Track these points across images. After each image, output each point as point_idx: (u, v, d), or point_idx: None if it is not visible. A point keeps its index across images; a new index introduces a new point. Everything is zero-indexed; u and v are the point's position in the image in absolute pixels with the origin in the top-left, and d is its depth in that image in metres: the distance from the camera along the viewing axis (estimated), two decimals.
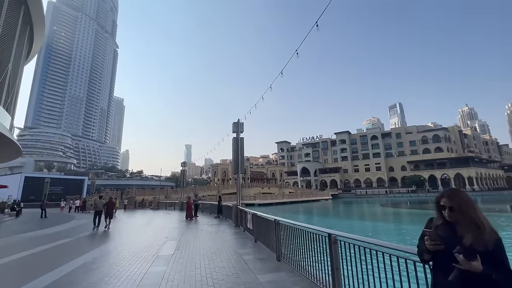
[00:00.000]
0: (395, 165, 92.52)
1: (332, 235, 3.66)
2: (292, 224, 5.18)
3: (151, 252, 7.18)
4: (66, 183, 59.27)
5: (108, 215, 13.98)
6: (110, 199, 15.29)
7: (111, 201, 14.73)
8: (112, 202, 14.82)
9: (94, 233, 12.08)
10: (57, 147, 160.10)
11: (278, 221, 5.99)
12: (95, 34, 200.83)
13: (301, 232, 4.78)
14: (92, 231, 12.54)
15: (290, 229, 5.36)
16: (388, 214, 31.41)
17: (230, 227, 12.79)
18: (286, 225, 5.58)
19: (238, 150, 13.82)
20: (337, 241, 3.63)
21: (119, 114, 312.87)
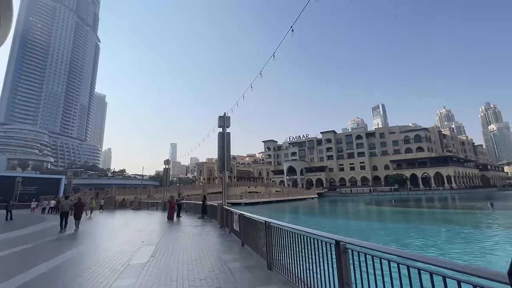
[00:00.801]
0: (378, 164, 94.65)
1: (341, 243, 2.91)
2: (286, 228, 4.40)
3: (121, 261, 6.19)
4: (41, 183, 55.64)
5: (76, 217, 12.91)
6: (79, 199, 14.01)
7: (79, 202, 13.56)
8: (81, 203, 13.65)
9: (60, 237, 10.80)
10: (32, 145, 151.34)
11: (269, 223, 5.21)
12: (75, 27, 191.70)
13: (299, 237, 4.02)
14: (58, 235, 11.26)
15: (284, 233, 4.58)
16: (376, 213, 31.64)
17: (215, 228, 11.90)
18: (279, 228, 4.81)
19: (224, 146, 12.93)
20: (347, 250, 2.89)
21: (100, 111, 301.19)
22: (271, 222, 5.17)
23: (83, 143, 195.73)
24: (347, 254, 2.88)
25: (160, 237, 9.73)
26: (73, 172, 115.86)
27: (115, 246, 8.18)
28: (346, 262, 2.85)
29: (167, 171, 27.72)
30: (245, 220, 7.23)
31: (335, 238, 2.96)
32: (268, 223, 5.25)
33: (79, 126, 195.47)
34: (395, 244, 13.25)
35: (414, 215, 27.75)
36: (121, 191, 41.91)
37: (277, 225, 4.88)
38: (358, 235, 16.22)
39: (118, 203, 35.66)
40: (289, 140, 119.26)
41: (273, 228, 5.10)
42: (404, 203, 43.41)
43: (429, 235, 15.10)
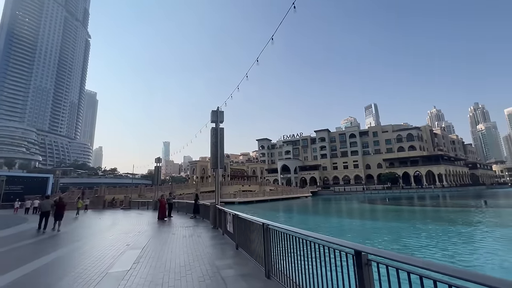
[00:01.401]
0: (371, 162, 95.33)
1: (362, 253, 2.31)
2: (289, 232, 3.80)
3: (100, 269, 5.48)
4: (27, 182, 53.79)
5: (57, 217, 12.43)
6: (60, 199, 13.43)
7: (61, 201, 13.09)
8: (62, 203, 13.17)
9: (38, 239, 9.96)
10: (19, 143, 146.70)
11: (268, 226, 4.60)
12: (64, 22, 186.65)
13: (305, 243, 3.42)
14: (36, 237, 10.42)
15: (286, 238, 3.97)
16: (372, 211, 31.35)
17: (208, 229, 11.24)
18: (280, 231, 4.20)
19: (217, 142, 12.24)
20: (370, 262, 2.30)
21: (91, 108, 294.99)
22: (269, 224, 4.56)
23: (72, 141, 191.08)
24: (370, 268, 2.28)
25: (147, 240, 9.02)
26: (62, 171, 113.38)
27: (96, 251, 7.43)
28: (369, 278, 2.25)
29: (158, 169, 26.80)
30: (240, 221, 6.61)
31: (355, 248, 2.36)
32: (267, 226, 4.64)
33: (69, 124, 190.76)
34: (396, 244, 12.82)
35: (410, 213, 27.63)
36: (111, 190, 40.68)
37: (277, 228, 4.27)
38: (358, 235, 15.81)
39: (107, 202, 34.53)
40: (283, 138, 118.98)
41: (272, 231, 4.50)
42: (398, 201, 43.54)
43: (432, 234, 14.74)
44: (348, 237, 15.07)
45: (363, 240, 13.86)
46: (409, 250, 11.52)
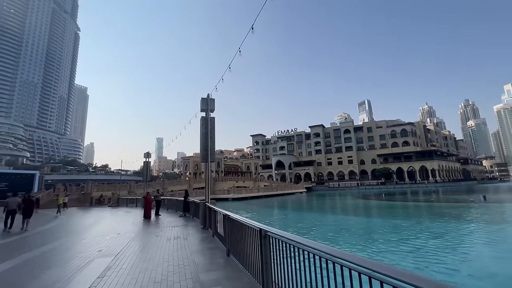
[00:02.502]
0: (366, 158, 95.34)
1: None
2: (297, 243, 2.69)
3: (54, 283, 4.29)
4: (13, 179, 51.49)
5: (25, 215, 12.17)
6: (28, 196, 13.42)
7: (29, 199, 12.94)
8: (31, 200, 13.04)
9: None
10: (6, 139, 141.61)
11: (266, 232, 3.51)
12: (52, 14, 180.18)
13: (318, 260, 2.33)
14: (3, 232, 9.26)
15: (292, 250, 2.86)
16: (371, 208, 30.62)
17: (197, 230, 10.12)
18: (283, 241, 3.10)
19: (208, 133, 11.05)
20: None
21: (82, 103, 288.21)
22: (268, 231, 3.46)
23: (62, 137, 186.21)
24: None
25: (125, 244, 7.83)
26: (50, 167, 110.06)
27: (60, 260, 6.23)
28: None
29: (147, 164, 25.42)
30: (232, 224, 5.49)
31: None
32: (265, 233, 3.54)
33: (58, 119, 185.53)
34: (406, 244, 11.84)
35: (410, 209, 26.96)
36: (100, 186, 39.03)
37: (278, 236, 3.17)
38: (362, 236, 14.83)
39: (95, 200, 32.97)
40: (278, 134, 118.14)
41: (272, 240, 3.40)
42: (394, 197, 43.10)
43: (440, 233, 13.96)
44: (353, 238, 14.16)
45: (371, 242, 12.75)
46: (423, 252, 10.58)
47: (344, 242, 12.84)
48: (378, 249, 11.13)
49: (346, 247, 11.66)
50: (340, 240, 13.24)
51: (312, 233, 15.49)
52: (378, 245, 11.80)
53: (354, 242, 12.75)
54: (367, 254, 10.24)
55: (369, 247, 11.49)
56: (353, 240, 13.10)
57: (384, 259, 9.62)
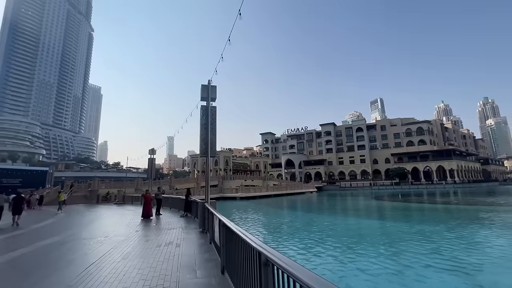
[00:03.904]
0: (379, 157, 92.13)
1: None
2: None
3: None
4: (26, 175, 52.54)
5: (15, 211, 12.27)
6: (19, 193, 13.30)
7: (19, 196, 12.99)
8: (21, 197, 13.17)
9: None
10: (23, 136, 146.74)
11: (269, 258, 2.14)
12: (67, 15, 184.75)
13: None
14: None
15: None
16: (389, 210, 28.46)
17: (195, 233, 8.88)
18: (294, 279, 1.72)
19: (208, 124, 9.79)
20: None
21: (96, 103, 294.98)
22: (271, 257, 2.08)
23: (76, 135, 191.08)
24: None
25: (106, 251, 6.66)
26: (64, 164, 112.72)
27: (18, 272, 5.10)
28: None
29: (152, 161, 24.58)
30: (229, 234, 4.16)
31: None
32: (266, 259, 2.19)
33: (73, 118, 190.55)
34: (441, 257, 10.00)
35: (433, 212, 24.74)
36: (107, 183, 38.77)
37: (286, 268, 1.79)
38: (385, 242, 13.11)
39: (101, 197, 32.54)
40: (288, 132, 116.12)
41: (277, 271, 2.05)
42: (412, 198, 40.66)
43: (480, 240, 12.16)
44: (373, 246, 12.50)
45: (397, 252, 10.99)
46: (471, 269, 8.81)
47: (364, 251, 11.18)
48: (410, 263, 9.30)
49: (368, 259, 9.97)
50: (359, 249, 11.58)
51: (326, 239, 13.96)
52: (406, 257, 10.03)
53: (375, 251, 11.04)
54: (400, 277, 8.54)
55: (396, 260, 9.75)
56: (374, 249, 11.37)
57: (428, 280, 7.79)
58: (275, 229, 17.83)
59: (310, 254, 10.72)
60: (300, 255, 10.68)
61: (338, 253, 10.93)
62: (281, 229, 17.72)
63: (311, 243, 12.92)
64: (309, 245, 12.32)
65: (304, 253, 10.92)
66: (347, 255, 10.49)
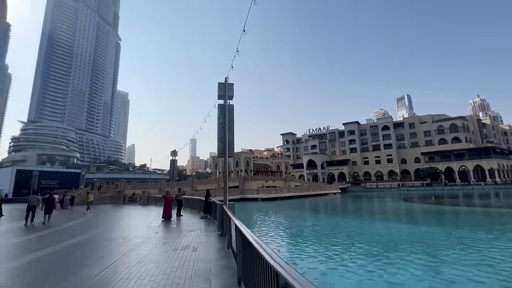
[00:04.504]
0: (408, 157, 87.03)
1: None
2: None
3: None
4: (62, 176, 56.45)
5: (46, 210, 13.41)
6: (50, 194, 14.31)
7: (50, 196, 14.03)
8: (52, 197, 14.18)
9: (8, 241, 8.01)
10: (60, 141, 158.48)
11: (287, 282, 1.63)
12: (97, 26, 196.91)
13: None
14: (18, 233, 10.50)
15: None
16: (424, 213, 26.04)
17: (213, 237, 8.57)
18: None
19: (225, 123, 9.47)
20: None
21: (123, 108, 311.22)
22: (289, 279, 1.57)
23: (107, 139, 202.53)
24: None
25: (122, 254, 6.51)
26: (96, 167, 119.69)
27: (41, 273, 5.04)
28: None
29: (174, 163, 24.99)
30: (244, 241, 3.71)
31: None
32: (284, 282, 1.68)
33: (103, 123, 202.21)
34: (497, 272, 8.50)
35: (472, 216, 22.23)
36: (133, 185, 40.24)
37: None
38: (424, 252, 11.76)
39: (127, 197, 33.76)
40: (309, 132, 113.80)
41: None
42: (447, 200, 37.60)
43: None
44: (409, 257, 11.34)
45: (439, 264, 9.55)
46: None
47: (398, 261, 10.03)
48: (455, 276, 8.06)
49: (402, 271, 8.86)
50: (392, 258, 10.39)
51: (352, 246, 13.02)
52: (449, 269, 8.83)
53: (410, 262, 9.74)
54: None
55: (436, 272, 8.59)
56: (409, 259, 10.06)
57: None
58: (297, 233, 17.10)
59: (335, 263, 9.91)
60: (324, 263, 9.93)
61: (366, 261, 10.02)
62: (303, 234, 16.94)
63: (336, 249, 12.08)
64: (335, 252, 11.50)
65: (329, 261, 10.16)
66: (377, 265, 9.55)
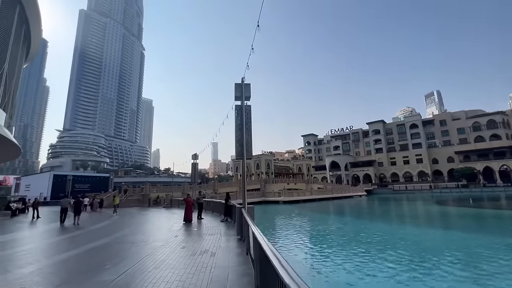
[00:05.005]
0: (440, 156, 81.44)
1: None
2: None
3: None
4: (93, 181, 59.78)
5: (76, 212, 14.66)
6: (77, 198, 15.70)
7: (78, 200, 15.34)
8: (80, 201, 15.54)
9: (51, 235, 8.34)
10: (92, 147, 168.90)
11: None
12: (123, 38, 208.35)
13: None
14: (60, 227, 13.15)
15: None
16: (459, 218, 23.91)
17: (233, 241, 8.29)
18: None
19: (243, 124, 9.20)
20: None
21: (148, 115, 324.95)
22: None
23: (133, 144, 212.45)
24: None
25: (141, 258, 6.42)
26: (124, 171, 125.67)
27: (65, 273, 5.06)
28: None
29: (195, 166, 25.29)
30: (260, 251, 3.35)
31: None
32: None
33: (130, 129, 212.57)
34: None
35: None
36: (157, 188, 41.44)
37: None
38: (470, 264, 10.42)
39: (152, 200, 34.79)
40: (331, 133, 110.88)
41: None
42: (488, 203, 34.39)
43: None
44: (452, 269, 10.15)
45: (492, 278, 8.35)
46: None
47: (437, 271, 9.00)
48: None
49: (441, 284, 7.96)
50: (434, 272, 9.24)
51: (382, 253, 12.09)
52: (500, 284, 7.82)
53: (450, 273, 8.71)
54: None
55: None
56: (448, 270, 9.01)
57: None
58: (321, 239, 16.28)
59: (362, 273, 9.14)
60: (351, 273, 9.20)
61: (398, 271, 9.17)
62: (328, 239, 16.11)
63: (364, 257, 11.26)
64: (363, 260, 10.71)
65: (356, 271, 9.42)
66: (411, 276, 8.66)
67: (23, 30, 26.27)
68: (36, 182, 56.95)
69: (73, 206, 14.89)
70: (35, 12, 25.82)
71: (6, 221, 17.39)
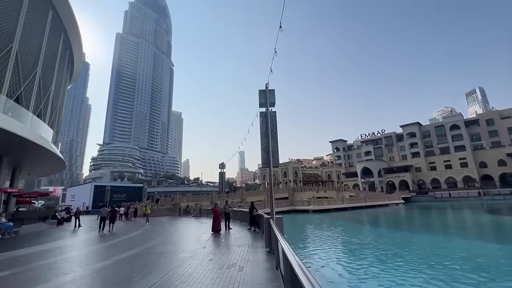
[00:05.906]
0: (488, 159, 73.46)
1: None
2: None
3: None
4: (128, 191, 63.21)
5: (111, 221, 16.34)
6: (113, 207, 17.28)
7: (113, 209, 16.91)
8: (115, 210, 17.20)
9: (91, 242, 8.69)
10: (128, 159, 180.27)
11: None
12: (154, 56, 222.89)
13: None
14: (99, 234, 14.53)
15: None
16: None
17: (261, 253, 7.89)
18: None
19: (268, 131, 8.91)
20: None
21: (178, 126, 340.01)
22: None
23: (165, 155, 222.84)
24: None
25: (169, 270, 6.30)
26: (156, 181, 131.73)
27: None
28: None
29: (222, 175, 25.44)
30: (293, 276, 2.95)
31: None
32: None
33: (161, 141, 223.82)
34: None
35: None
36: (187, 197, 42.46)
37: None
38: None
39: (182, 209, 35.59)
40: (361, 138, 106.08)
41: None
42: None
43: None
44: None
45: None
46: None
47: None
48: None
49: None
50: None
51: (429, 271, 10.77)
52: None
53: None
54: None
55: None
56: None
57: None
58: (356, 252, 15.01)
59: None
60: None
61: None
62: (364, 252, 14.80)
63: (407, 274, 10.12)
64: (405, 278, 9.62)
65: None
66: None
67: (67, 54, 29.14)
68: (80, 192, 61.48)
69: (109, 214, 16.19)
70: (77, 38, 28.54)
71: (53, 230, 18.79)
